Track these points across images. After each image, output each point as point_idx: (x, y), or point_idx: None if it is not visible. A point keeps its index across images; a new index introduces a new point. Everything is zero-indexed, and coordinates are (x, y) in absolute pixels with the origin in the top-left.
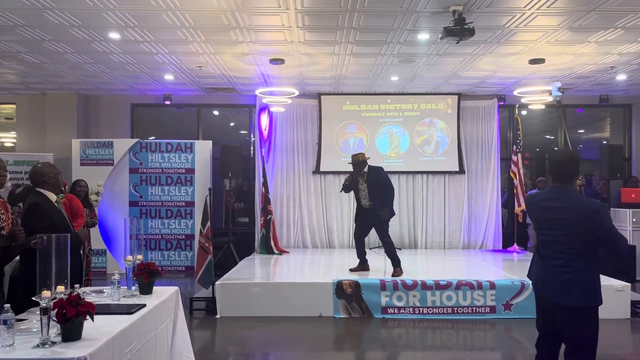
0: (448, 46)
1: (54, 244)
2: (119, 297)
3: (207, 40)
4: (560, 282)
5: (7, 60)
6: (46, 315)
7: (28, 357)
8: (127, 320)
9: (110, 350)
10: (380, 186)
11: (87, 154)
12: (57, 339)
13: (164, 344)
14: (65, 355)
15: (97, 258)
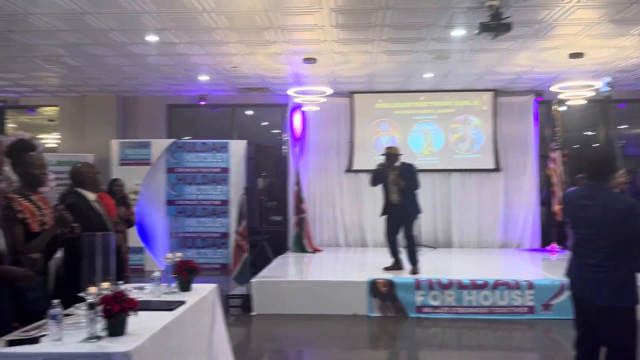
0: (484, 42)
1: (100, 242)
2: (160, 293)
3: (241, 41)
4: (594, 281)
5: (50, 63)
6: (92, 311)
7: (77, 351)
8: (168, 316)
9: (153, 346)
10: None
11: (126, 154)
12: (103, 334)
13: (203, 340)
14: (112, 350)
15: (135, 256)
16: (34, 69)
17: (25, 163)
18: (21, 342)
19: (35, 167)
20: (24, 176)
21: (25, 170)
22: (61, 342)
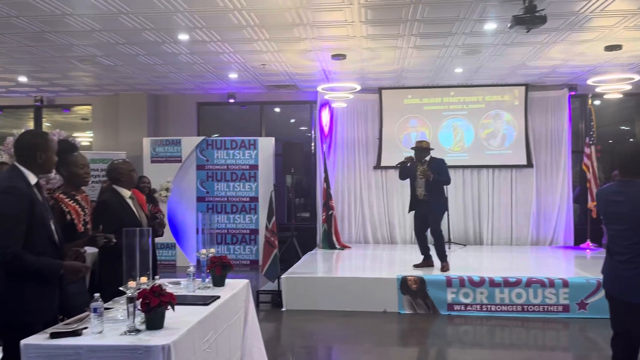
0: (516, 35)
1: (138, 237)
2: (194, 288)
3: (271, 39)
4: (625, 279)
5: (85, 63)
6: (132, 304)
7: (118, 344)
8: (203, 311)
9: (190, 339)
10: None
11: (157, 151)
12: (142, 327)
13: (237, 335)
14: (151, 343)
15: (166, 251)
16: (70, 69)
17: (69, 163)
18: (64, 335)
19: (79, 167)
20: (69, 176)
21: (70, 170)
22: (102, 334)
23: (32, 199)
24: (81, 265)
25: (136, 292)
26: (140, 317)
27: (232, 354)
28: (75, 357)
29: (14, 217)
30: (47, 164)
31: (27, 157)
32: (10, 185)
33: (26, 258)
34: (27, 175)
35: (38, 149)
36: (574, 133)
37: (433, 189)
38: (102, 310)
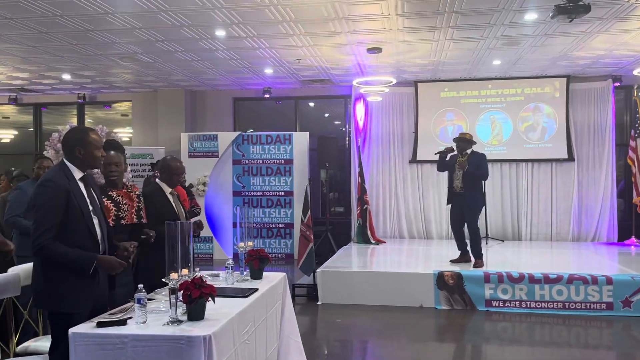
0: (558, 25)
1: (180, 230)
2: (233, 281)
3: (306, 33)
4: None
5: (125, 60)
6: (174, 296)
7: (161, 334)
8: (242, 303)
9: (230, 331)
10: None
11: (195, 146)
12: (183, 318)
13: (274, 327)
14: (193, 334)
15: (204, 245)
16: (111, 66)
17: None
18: (110, 324)
19: (105, 165)
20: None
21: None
22: (146, 324)
23: (71, 193)
24: (115, 261)
25: (178, 283)
26: (181, 308)
27: (269, 345)
28: (120, 345)
29: (46, 209)
30: (88, 158)
31: (69, 153)
32: (47, 179)
33: (57, 249)
34: (72, 170)
35: (77, 145)
36: (618, 126)
37: (470, 183)
38: (146, 301)
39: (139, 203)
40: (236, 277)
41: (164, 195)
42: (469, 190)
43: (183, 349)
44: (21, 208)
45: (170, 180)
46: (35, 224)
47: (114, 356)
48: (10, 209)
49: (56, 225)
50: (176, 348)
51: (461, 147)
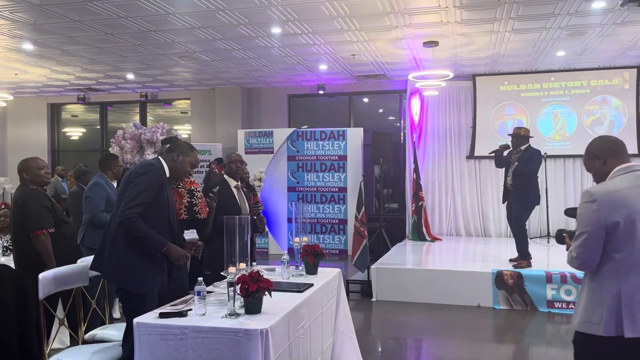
0: (628, 13)
1: (238, 224)
2: (288, 275)
3: (361, 28)
4: None
5: (184, 59)
6: (232, 289)
7: (220, 326)
8: (298, 297)
9: (286, 325)
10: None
11: (251, 143)
12: (241, 311)
13: (329, 323)
14: (250, 327)
15: (259, 239)
16: (171, 65)
17: None
18: (171, 315)
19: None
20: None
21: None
22: (205, 317)
23: (165, 183)
24: (183, 252)
25: (236, 277)
26: (239, 301)
27: (324, 341)
28: (181, 336)
29: (144, 187)
30: (179, 166)
31: (168, 154)
32: (150, 164)
33: (140, 224)
34: (165, 166)
35: (177, 150)
36: None
37: (519, 180)
38: (205, 294)
39: (190, 199)
40: (292, 272)
41: (229, 188)
42: (517, 188)
43: (241, 341)
44: (102, 203)
45: (230, 173)
46: (130, 197)
47: (175, 346)
48: (93, 205)
49: (146, 204)
50: (234, 340)
51: (516, 143)
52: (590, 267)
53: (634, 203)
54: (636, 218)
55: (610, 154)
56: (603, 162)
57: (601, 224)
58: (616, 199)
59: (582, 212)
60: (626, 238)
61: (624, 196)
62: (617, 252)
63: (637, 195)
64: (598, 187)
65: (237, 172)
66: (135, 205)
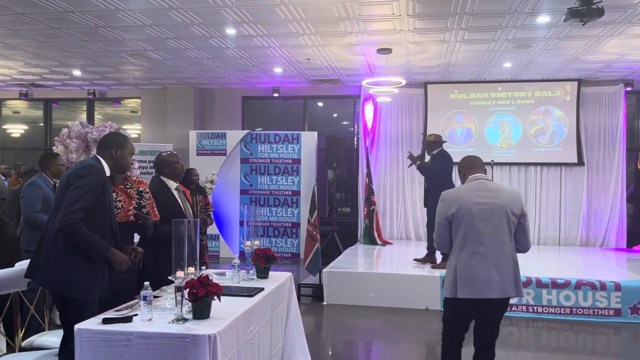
0: (570, 29)
1: (186, 228)
2: (239, 280)
3: (316, 33)
4: None
5: (135, 57)
6: (180, 294)
7: (167, 332)
8: (248, 302)
9: (235, 330)
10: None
11: (203, 144)
12: (189, 316)
13: (279, 327)
14: (198, 332)
15: (210, 242)
16: (121, 63)
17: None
18: (115, 321)
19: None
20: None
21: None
22: (151, 322)
23: (106, 184)
24: (125, 258)
25: (184, 281)
26: (187, 306)
27: (273, 345)
28: (126, 342)
29: (85, 190)
30: (121, 161)
31: (105, 151)
32: (92, 165)
33: (82, 229)
34: (105, 166)
35: (115, 146)
36: (629, 130)
37: (429, 183)
38: (152, 299)
39: (140, 200)
40: (242, 276)
41: (170, 191)
42: (429, 190)
43: (188, 347)
44: (39, 203)
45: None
46: (70, 201)
47: (119, 353)
48: (29, 205)
49: (88, 208)
50: (181, 346)
51: (429, 149)
52: (444, 248)
53: (465, 200)
54: (465, 211)
55: (467, 168)
56: (464, 174)
57: (445, 216)
58: (455, 198)
59: (437, 209)
60: (458, 225)
61: (460, 195)
62: (455, 236)
63: (469, 194)
64: (448, 191)
65: (180, 173)
66: (77, 209)
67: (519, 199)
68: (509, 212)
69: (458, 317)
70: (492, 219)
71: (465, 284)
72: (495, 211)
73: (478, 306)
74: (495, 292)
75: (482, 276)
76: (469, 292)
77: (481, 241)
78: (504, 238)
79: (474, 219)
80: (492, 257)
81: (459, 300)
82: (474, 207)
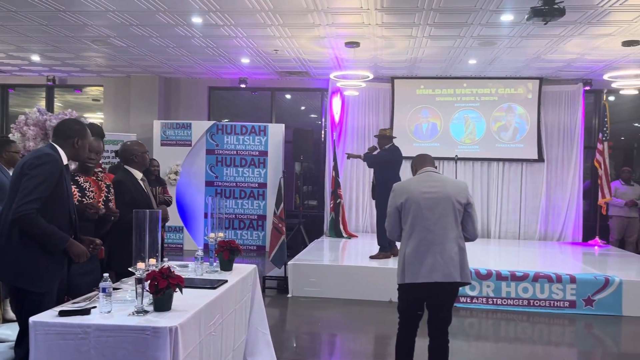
0: (533, 28)
1: (148, 219)
2: (202, 272)
3: (284, 24)
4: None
5: (97, 44)
6: (140, 285)
7: (126, 324)
8: (211, 294)
9: (197, 322)
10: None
11: (167, 134)
12: (150, 309)
13: (243, 319)
14: (159, 325)
15: (174, 235)
16: (83, 49)
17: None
18: (73, 313)
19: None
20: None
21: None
22: (110, 314)
23: (63, 172)
24: (84, 249)
25: (145, 273)
26: (148, 298)
27: (237, 337)
28: (83, 335)
29: (41, 180)
30: (82, 150)
31: (66, 139)
32: (47, 153)
33: (38, 220)
34: (62, 154)
35: (76, 135)
36: (587, 128)
37: (379, 175)
38: (111, 290)
39: (107, 193)
40: (205, 268)
41: (137, 181)
42: (378, 183)
43: (148, 339)
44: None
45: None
46: (25, 191)
47: (76, 346)
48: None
49: (44, 198)
50: (141, 339)
51: (381, 143)
52: (394, 237)
53: (414, 190)
54: (413, 201)
55: (418, 164)
56: (415, 170)
57: (395, 206)
58: (404, 189)
59: (389, 199)
60: (407, 214)
61: (409, 186)
62: (404, 224)
63: (417, 185)
64: (399, 182)
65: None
66: (32, 199)
67: (464, 189)
68: (455, 201)
69: (409, 303)
70: (438, 207)
71: (412, 269)
72: (441, 200)
73: (426, 290)
74: (440, 275)
75: (427, 261)
76: (416, 277)
77: (428, 228)
78: (450, 225)
79: (421, 208)
80: (438, 243)
81: (407, 286)
82: (421, 196)
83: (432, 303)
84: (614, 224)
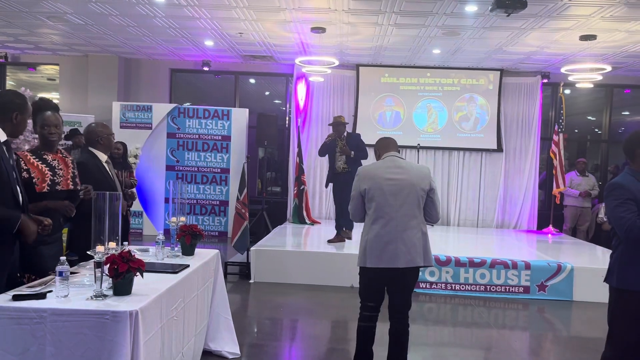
0: (496, 19)
1: (108, 202)
2: (163, 256)
3: (250, 7)
4: None
5: (53, 20)
6: (99, 269)
7: (84, 308)
8: (172, 279)
9: (158, 307)
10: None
11: (127, 117)
12: (109, 293)
13: (205, 304)
14: (118, 309)
15: (134, 219)
16: (37, 26)
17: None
18: (27, 297)
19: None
20: (39, 135)
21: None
22: (67, 299)
23: (3, 151)
24: (36, 230)
25: (104, 257)
26: (107, 282)
27: (199, 322)
28: (38, 320)
29: None
30: (20, 126)
31: (4, 115)
32: None
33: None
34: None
35: (15, 110)
36: (544, 120)
37: (353, 163)
38: (68, 274)
39: (74, 169)
40: (167, 253)
41: (101, 163)
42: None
43: (107, 324)
44: None
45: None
46: None
47: (31, 331)
48: None
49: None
50: (100, 323)
51: (339, 131)
52: (357, 219)
53: (378, 176)
54: (377, 187)
55: (382, 148)
56: (379, 154)
57: (358, 190)
58: (368, 174)
59: (353, 182)
60: (371, 200)
61: (373, 171)
62: (368, 209)
63: (381, 171)
64: (363, 167)
65: (112, 146)
66: None
67: (427, 175)
68: (418, 187)
69: (369, 286)
70: (401, 193)
71: (374, 254)
72: (405, 187)
73: (387, 275)
74: (402, 261)
75: (390, 247)
76: (378, 262)
77: (391, 214)
78: (413, 211)
79: (385, 194)
80: (401, 229)
81: (368, 269)
82: (384, 182)
83: (394, 288)
84: (568, 213)
